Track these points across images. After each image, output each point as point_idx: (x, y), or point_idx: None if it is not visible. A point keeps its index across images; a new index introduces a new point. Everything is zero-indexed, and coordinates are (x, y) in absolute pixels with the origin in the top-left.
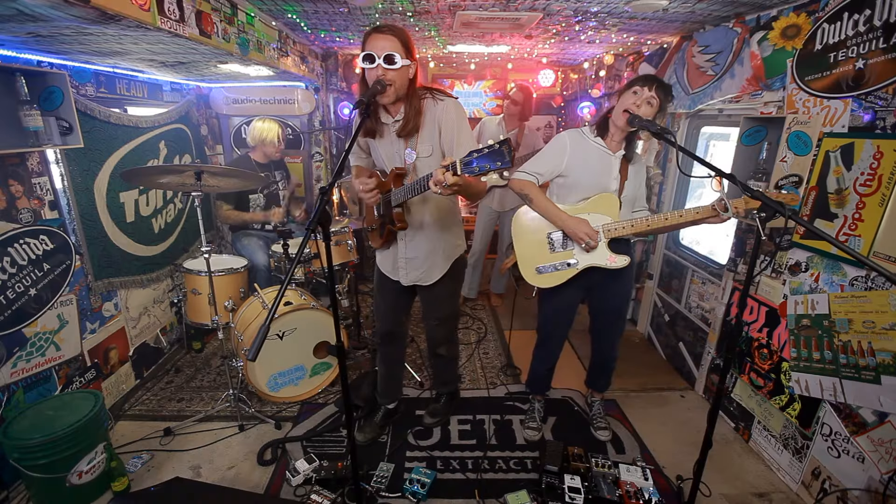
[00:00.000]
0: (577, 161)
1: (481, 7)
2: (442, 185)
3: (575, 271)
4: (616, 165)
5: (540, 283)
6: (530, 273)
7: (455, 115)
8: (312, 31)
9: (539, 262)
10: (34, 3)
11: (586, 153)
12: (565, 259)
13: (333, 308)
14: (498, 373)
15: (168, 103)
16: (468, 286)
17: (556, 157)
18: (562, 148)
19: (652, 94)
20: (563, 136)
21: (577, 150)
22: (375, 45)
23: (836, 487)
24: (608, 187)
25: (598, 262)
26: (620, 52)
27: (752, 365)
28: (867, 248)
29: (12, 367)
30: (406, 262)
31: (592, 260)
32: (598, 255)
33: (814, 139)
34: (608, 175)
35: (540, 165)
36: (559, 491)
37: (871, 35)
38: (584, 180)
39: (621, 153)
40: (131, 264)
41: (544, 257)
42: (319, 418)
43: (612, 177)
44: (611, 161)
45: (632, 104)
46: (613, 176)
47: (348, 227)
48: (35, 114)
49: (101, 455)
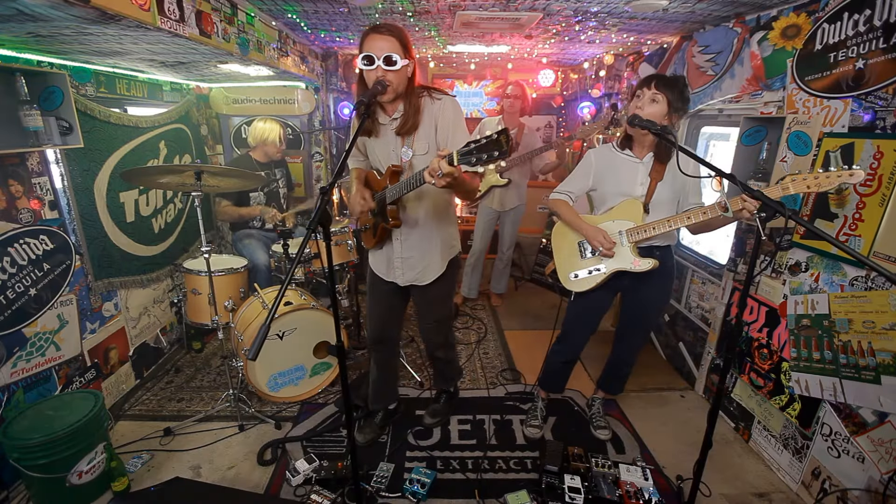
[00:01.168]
0: (602, 174)
1: (481, 7)
2: (436, 174)
3: (603, 276)
4: (643, 171)
5: (575, 287)
6: (565, 278)
7: (452, 113)
8: (312, 31)
9: (572, 268)
10: (34, 3)
11: (612, 165)
12: (595, 265)
13: (333, 308)
14: (498, 374)
15: (168, 103)
16: (467, 286)
17: (583, 174)
18: (588, 166)
19: (654, 92)
20: (590, 154)
21: (602, 164)
22: (374, 45)
23: (836, 487)
24: (633, 193)
25: (624, 266)
26: (620, 52)
27: (752, 365)
28: (867, 248)
29: (12, 367)
30: (402, 261)
31: (618, 264)
32: (622, 259)
33: (814, 139)
34: (633, 182)
35: (570, 185)
36: (559, 491)
37: (871, 35)
38: (609, 190)
39: (650, 157)
40: (131, 264)
41: (576, 264)
42: (319, 418)
43: (638, 183)
44: (637, 168)
45: (636, 108)
46: (640, 182)
47: (348, 227)
48: (35, 114)
49: (101, 455)
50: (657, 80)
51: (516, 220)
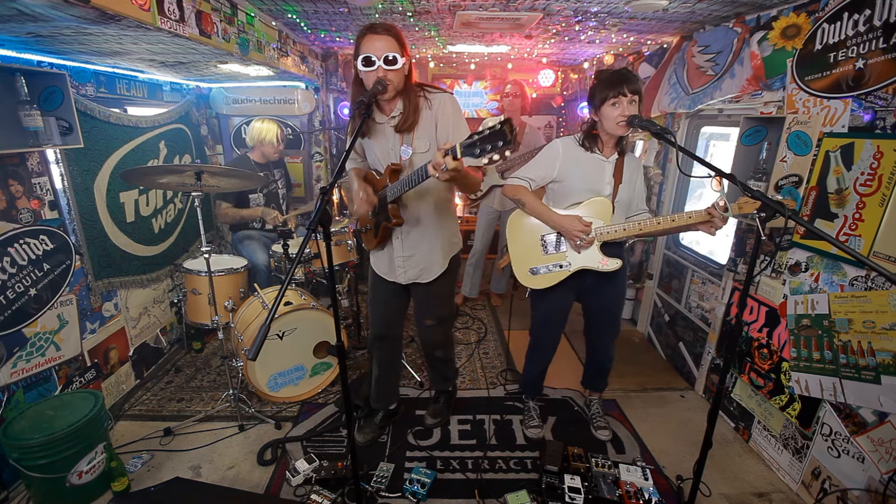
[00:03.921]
0: (570, 166)
1: (481, 7)
2: (441, 168)
3: (567, 273)
4: (610, 170)
5: (533, 284)
6: (523, 274)
7: (451, 109)
8: (312, 31)
9: (532, 263)
10: (34, 3)
11: (579, 159)
12: (558, 261)
13: (334, 308)
14: (498, 374)
15: (168, 103)
16: (468, 286)
17: (548, 163)
18: (554, 154)
19: (630, 97)
20: (556, 143)
21: (569, 156)
22: (373, 46)
23: (836, 487)
24: (601, 192)
25: (590, 265)
26: (620, 52)
27: (752, 365)
28: (867, 248)
29: (12, 367)
30: (404, 260)
31: (584, 262)
32: (590, 257)
33: (814, 139)
34: (601, 180)
35: (532, 171)
36: (559, 491)
37: (871, 35)
38: (577, 185)
39: (615, 157)
40: (131, 264)
41: (538, 259)
42: (319, 418)
43: (606, 181)
44: (604, 166)
45: (619, 115)
46: (607, 181)
47: (348, 227)
48: (35, 114)
49: (101, 455)
50: (627, 84)
51: None
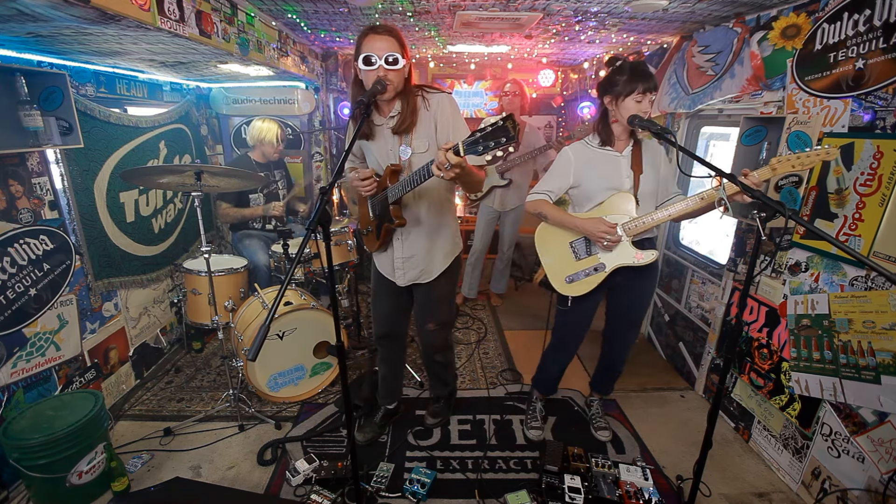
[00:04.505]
0: (583, 169)
1: (481, 7)
2: (444, 166)
3: (604, 275)
4: (625, 164)
5: (573, 291)
6: (561, 284)
7: (450, 109)
8: (312, 31)
9: (567, 271)
10: (34, 3)
11: (592, 160)
12: (592, 264)
13: (333, 308)
14: (498, 374)
15: (168, 103)
16: (468, 286)
17: (563, 171)
18: (566, 162)
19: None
20: (567, 150)
21: (581, 160)
22: (374, 46)
23: (836, 487)
24: (621, 187)
25: (625, 261)
26: (620, 51)
27: (752, 365)
28: (867, 248)
29: (12, 367)
30: (403, 261)
31: (618, 260)
32: (623, 254)
33: (814, 139)
34: (619, 176)
35: (549, 183)
36: (559, 491)
37: (871, 35)
38: (595, 186)
39: (629, 149)
40: (131, 264)
41: (571, 266)
42: (319, 418)
43: (624, 176)
44: (619, 161)
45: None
46: (625, 175)
47: (348, 227)
48: (35, 114)
49: (101, 455)
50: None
51: (517, 220)
